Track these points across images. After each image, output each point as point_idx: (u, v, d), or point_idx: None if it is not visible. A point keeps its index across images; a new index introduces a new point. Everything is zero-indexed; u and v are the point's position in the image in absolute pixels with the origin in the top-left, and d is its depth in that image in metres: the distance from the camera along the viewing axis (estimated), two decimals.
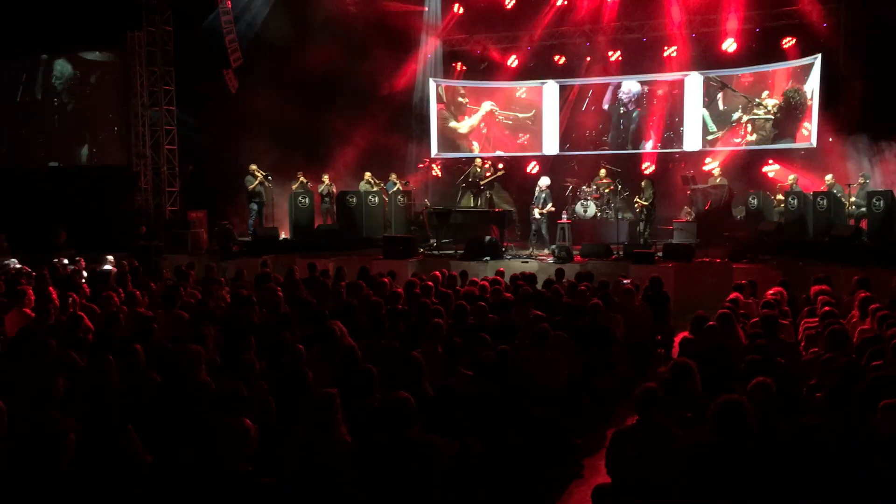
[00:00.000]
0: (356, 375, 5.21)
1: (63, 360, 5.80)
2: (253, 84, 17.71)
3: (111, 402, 5.17)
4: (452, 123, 20.29)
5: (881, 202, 12.68)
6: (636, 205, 15.81)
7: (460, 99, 20.32)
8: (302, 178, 16.90)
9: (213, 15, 17.39)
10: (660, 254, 14.10)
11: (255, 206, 16.74)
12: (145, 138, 17.82)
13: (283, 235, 16.76)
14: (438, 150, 20.14)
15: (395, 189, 17.24)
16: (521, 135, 20.16)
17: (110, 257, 12.76)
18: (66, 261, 12.19)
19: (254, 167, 16.56)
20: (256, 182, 16.51)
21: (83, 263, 11.85)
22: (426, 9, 19.72)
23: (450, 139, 20.28)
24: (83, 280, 10.58)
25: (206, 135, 17.97)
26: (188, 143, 18.24)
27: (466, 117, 20.32)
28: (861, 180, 14.17)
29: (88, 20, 17.08)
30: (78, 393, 5.19)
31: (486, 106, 20.20)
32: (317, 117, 18.38)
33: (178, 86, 17.95)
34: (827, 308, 7.36)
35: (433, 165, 20.29)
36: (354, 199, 16.48)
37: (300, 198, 16.32)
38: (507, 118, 20.14)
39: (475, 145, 19.85)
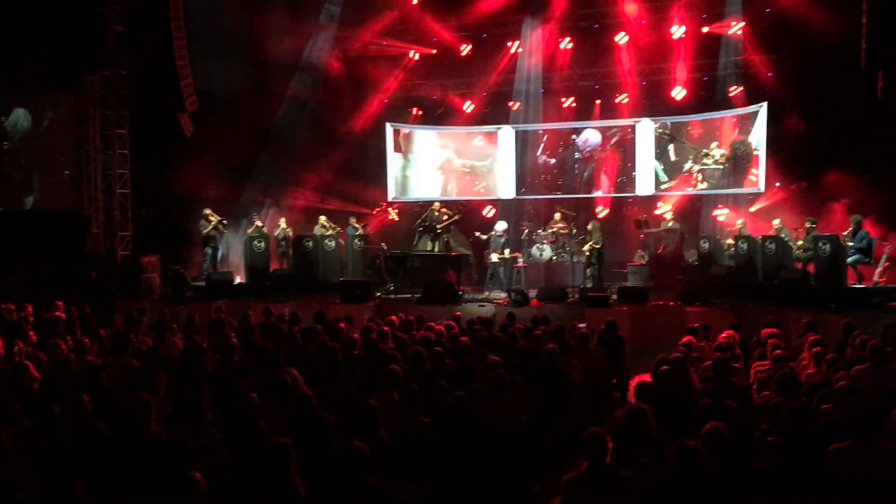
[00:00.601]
0: (311, 424, 5.14)
1: (7, 412, 5.62)
2: (209, 128, 17.64)
3: (59, 454, 5.02)
4: (410, 171, 20.39)
5: (827, 246, 13.00)
6: (586, 249, 15.92)
7: (418, 147, 20.43)
8: (257, 223, 16.79)
9: (169, 58, 17.33)
10: (614, 297, 14.26)
11: (209, 251, 16.56)
12: (97, 182, 17.57)
13: (238, 280, 16.57)
14: (396, 195, 20.20)
15: (357, 233, 17.21)
16: (478, 182, 20.29)
17: (59, 303, 12.45)
18: (12, 307, 11.86)
19: (208, 211, 16.41)
20: (211, 227, 16.35)
21: (30, 309, 11.53)
22: (383, 55, 19.96)
23: (409, 186, 20.35)
24: (30, 327, 10.30)
25: (161, 179, 17.78)
26: (142, 187, 18.02)
27: (424, 165, 20.43)
28: (807, 225, 14.53)
29: (42, 64, 16.87)
30: (24, 446, 5.03)
31: (444, 154, 20.34)
32: (273, 161, 18.37)
33: (133, 129, 17.80)
34: (777, 352, 7.50)
35: (390, 209, 20.35)
36: (311, 243, 16.39)
37: (255, 242, 16.18)
38: (464, 166, 20.29)
39: (435, 192, 19.97)
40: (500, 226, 16.85)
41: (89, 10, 16.34)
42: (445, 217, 17.81)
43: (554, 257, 17.66)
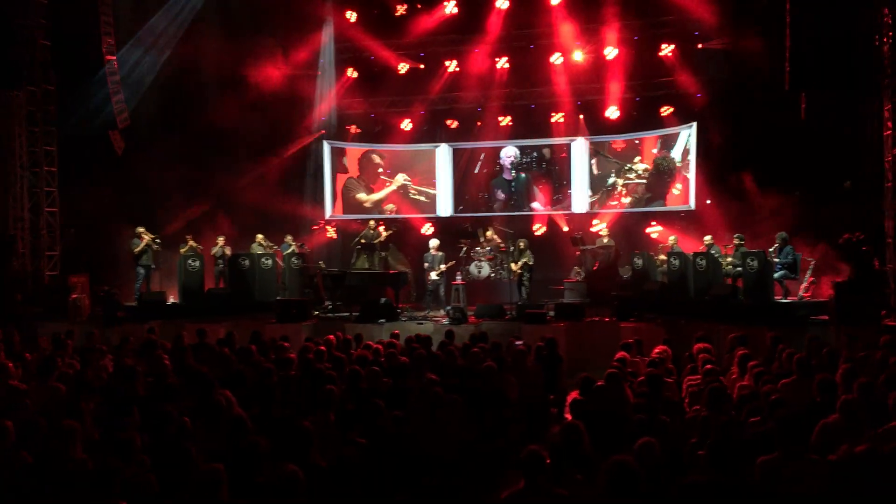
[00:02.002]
0: (244, 448, 5.05)
1: None
2: (141, 145, 17.28)
3: None
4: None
5: (755, 262, 13.38)
6: (516, 268, 16.00)
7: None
8: (191, 243, 16.45)
9: (100, 74, 16.94)
10: (551, 313, 14.40)
11: (141, 270, 16.12)
12: (24, 201, 16.99)
13: (171, 300, 16.20)
14: (343, 213, 20.07)
15: (289, 251, 16.99)
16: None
17: None
18: None
19: (141, 229, 16.01)
20: (143, 245, 15.95)
21: None
22: (320, 72, 19.90)
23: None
24: None
25: (91, 196, 17.30)
26: (71, 206, 17.51)
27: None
28: (736, 241, 14.92)
29: None
30: None
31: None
32: (208, 179, 18.08)
33: (62, 146, 17.30)
34: (708, 366, 7.67)
35: (327, 227, 20.22)
36: (247, 262, 16.15)
37: (190, 261, 15.86)
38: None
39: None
40: (433, 243, 16.94)
41: (11, 24, 15.81)
42: (382, 231, 17.79)
43: (492, 274, 17.77)
